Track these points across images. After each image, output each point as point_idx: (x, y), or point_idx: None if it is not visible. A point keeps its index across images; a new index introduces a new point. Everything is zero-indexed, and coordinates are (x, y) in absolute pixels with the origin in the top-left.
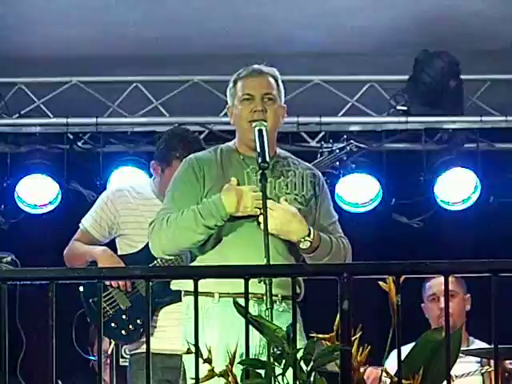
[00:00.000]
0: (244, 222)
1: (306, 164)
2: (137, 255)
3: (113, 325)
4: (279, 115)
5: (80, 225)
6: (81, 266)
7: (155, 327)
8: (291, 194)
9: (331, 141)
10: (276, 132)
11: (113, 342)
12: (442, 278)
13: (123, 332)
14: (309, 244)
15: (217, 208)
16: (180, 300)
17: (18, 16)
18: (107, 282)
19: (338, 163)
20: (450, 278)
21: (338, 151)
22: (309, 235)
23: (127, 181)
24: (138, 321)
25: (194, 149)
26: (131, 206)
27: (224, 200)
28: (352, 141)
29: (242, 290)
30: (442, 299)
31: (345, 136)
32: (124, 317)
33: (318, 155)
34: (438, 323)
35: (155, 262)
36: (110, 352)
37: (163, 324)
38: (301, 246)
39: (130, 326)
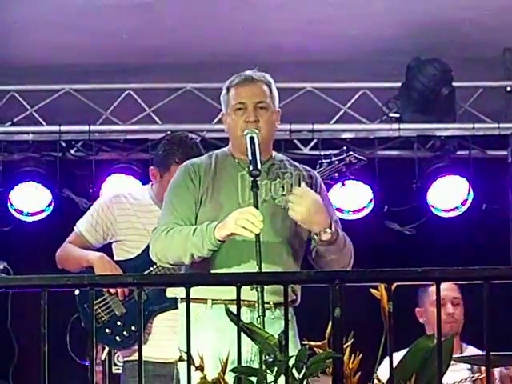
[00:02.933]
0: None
1: (303, 166)
2: (133, 261)
3: (107, 331)
4: (273, 121)
5: (75, 228)
6: (75, 270)
7: (149, 334)
8: (287, 195)
9: (329, 151)
10: (271, 137)
11: (106, 350)
12: (447, 284)
13: (117, 338)
14: (329, 236)
15: (208, 231)
16: (176, 307)
17: (11, 23)
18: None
19: (336, 174)
20: (455, 286)
21: (337, 162)
22: (330, 227)
23: (125, 187)
24: (133, 327)
25: (192, 154)
26: (129, 212)
27: (217, 228)
28: (351, 152)
29: (235, 297)
30: (449, 305)
31: (344, 147)
32: (119, 323)
33: (318, 166)
34: (443, 329)
35: (151, 268)
36: (102, 358)
37: (158, 331)
38: (322, 237)
39: (125, 333)
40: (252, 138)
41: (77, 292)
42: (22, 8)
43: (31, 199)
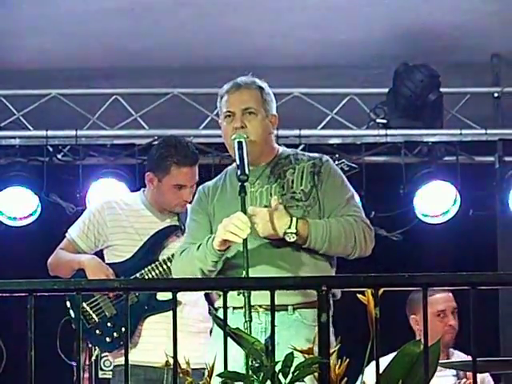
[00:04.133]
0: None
1: (310, 155)
2: (123, 264)
3: (97, 332)
4: (265, 126)
5: (66, 234)
6: (67, 275)
7: (139, 337)
8: (287, 193)
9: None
10: (265, 141)
11: (93, 355)
12: (446, 294)
13: (107, 339)
14: (295, 236)
15: (208, 243)
16: (167, 309)
17: None
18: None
19: None
20: (451, 296)
21: None
22: (290, 227)
23: (111, 192)
24: (123, 329)
25: (190, 153)
26: (120, 218)
27: (214, 243)
28: (344, 160)
29: (259, 302)
30: (451, 316)
31: (337, 155)
32: (109, 324)
33: None
34: (443, 339)
35: (142, 271)
36: (88, 363)
37: (148, 334)
38: (287, 239)
39: (115, 334)
40: (240, 143)
41: (69, 304)
42: (9, 13)
43: (18, 204)
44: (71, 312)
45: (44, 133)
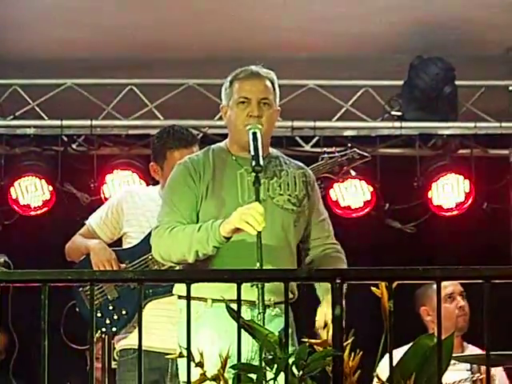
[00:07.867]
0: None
1: (297, 163)
2: (129, 250)
3: (98, 314)
4: (274, 119)
5: (86, 222)
6: (78, 259)
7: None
8: (284, 194)
9: (331, 148)
10: (271, 134)
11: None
12: None
13: (107, 321)
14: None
15: (213, 228)
16: (171, 293)
17: (13, 18)
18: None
19: (337, 168)
20: (458, 282)
21: (339, 157)
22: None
23: (126, 182)
24: (123, 311)
25: (184, 137)
26: (136, 206)
27: (222, 224)
28: (355, 149)
29: (235, 297)
30: (459, 298)
31: (349, 144)
32: (110, 307)
33: (319, 159)
34: (457, 323)
35: (147, 255)
36: (100, 353)
37: (151, 320)
38: None
39: (115, 316)
40: (255, 134)
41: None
42: (24, 2)
43: (32, 193)
44: (74, 294)
45: (59, 122)
